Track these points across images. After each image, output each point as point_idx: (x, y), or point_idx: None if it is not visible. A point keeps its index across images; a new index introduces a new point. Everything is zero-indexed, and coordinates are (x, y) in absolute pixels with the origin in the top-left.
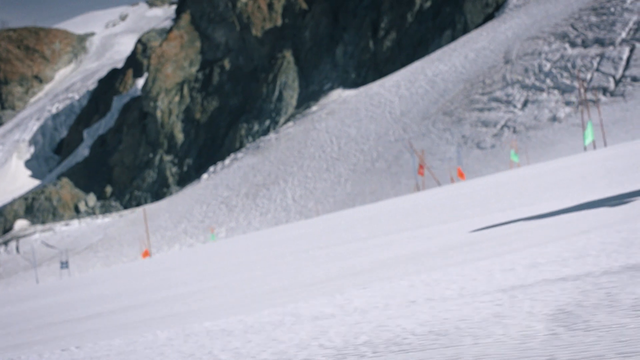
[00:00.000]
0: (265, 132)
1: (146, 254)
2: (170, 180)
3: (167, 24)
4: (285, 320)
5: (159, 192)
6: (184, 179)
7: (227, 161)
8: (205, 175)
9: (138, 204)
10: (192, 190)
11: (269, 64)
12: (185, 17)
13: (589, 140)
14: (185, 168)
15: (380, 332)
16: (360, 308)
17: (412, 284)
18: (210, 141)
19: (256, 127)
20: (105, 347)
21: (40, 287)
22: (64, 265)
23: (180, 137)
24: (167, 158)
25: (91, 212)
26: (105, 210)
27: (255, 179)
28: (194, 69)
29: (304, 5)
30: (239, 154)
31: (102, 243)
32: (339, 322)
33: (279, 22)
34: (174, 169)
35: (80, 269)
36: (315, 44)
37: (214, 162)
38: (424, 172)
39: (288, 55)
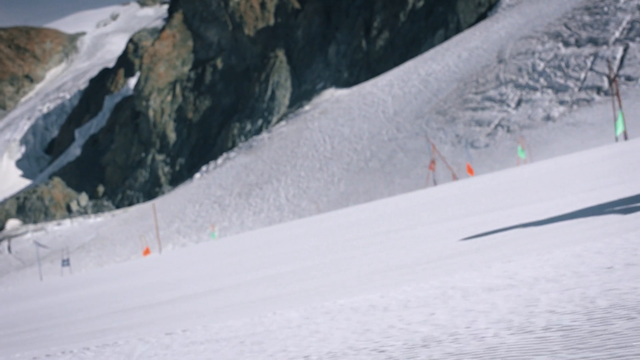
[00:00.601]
0: (258, 131)
1: (147, 251)
2: (163, 179)
3: (159, 23)
4: (449, 293)
5: (151, 191)
6: (176, 179)
7: (219, 160)
8: (197, 175)
9: (130, 204)
10: (185, 190)
11: (261, 63)
12: (178, 16)
13: (620, 130)
14: (177, 167)
15: (621, 296)
16: (541, 277)
17: (577, 254)
18: (202, 140)
19: (249, 126)
20: (225, 329)
21: (69, 281)
22: (66, 262)
23: (172, 136)
24: (160, 157)
25: (83, 212)
26: (98, 209)
27: (248, 178)
28: (186, 68)
29: (297, 5)
30: (232, 154)
31: (95, 243)
32: (536, 291)
33: (272, 22)
34: (166, 169)
35: (72, 268)
36: (307, 43)
37: (206, 162)
38: (435, 167)
39: (280, 54)
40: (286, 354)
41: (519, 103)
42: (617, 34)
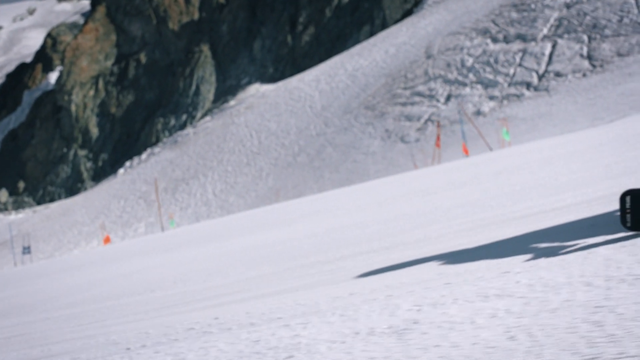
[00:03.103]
0: (182, 126)
1: (107, 240)
2: (85, 175)
3: (77, 18)
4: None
5: (73, 187)
6: (99, 174)
7: (143, 156)
8: (121, 170)
9: (52, 200)
10: (109, 185)
11: (185, 57)
12: (101, 10)
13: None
14: (100, 163)
15: None
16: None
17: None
18: (125, 136)
19: (173, 121)
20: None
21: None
22: (26, 250)
23: (95, 131)
24: (82, 153)
25: (3, 208)
26: (18, 206)
27: (174, 173)
28: (109, 63)
29: None
30: (156, 149)
31: (17, 240)
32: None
33: (196, 16)
34: (89, 164)
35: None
36: (232, 38)
37: (130, 157)
38: (441, 144)
39: (205, 49)
40: None
41: (448, 98)
42: (545, 31)
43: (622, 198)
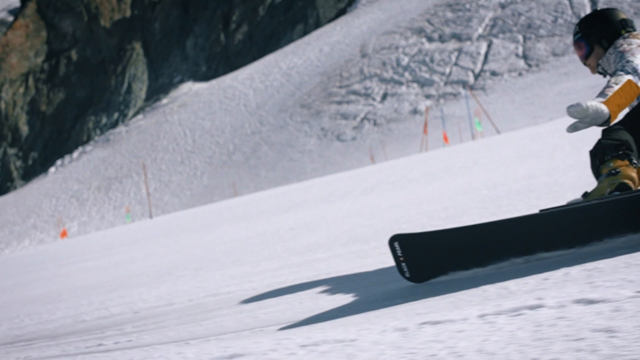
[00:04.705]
0: (114, 124)
1: (64, 233)
2: (15, 174)
3: (5, 15)
4: None
5: (2, 186)
6: (29, 173)
7: (75, 154)
8: (52, 169)
9: None
10: (40, 184)
11: (117, 55)
12: (31, 6)
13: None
14: (30, 161)
15: None
16: None
17: None
18: (56, 134)
19: (104, 119)
20: None
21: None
22: None
23: (25, 129)
24: (11, 151)
25: None
26: None
27: (107, 172)
28: (39, 60)
29: None
30: (88, 147)
31: None
32: None
33: (128, 13)
34: (19, 163)
35: None
36: (165, 36)
37: (60, 156)
38: (428, 131)
39: (137, 46)
40: None
41: (384, 97)
42: (480, 30)
43: (391, 244)
